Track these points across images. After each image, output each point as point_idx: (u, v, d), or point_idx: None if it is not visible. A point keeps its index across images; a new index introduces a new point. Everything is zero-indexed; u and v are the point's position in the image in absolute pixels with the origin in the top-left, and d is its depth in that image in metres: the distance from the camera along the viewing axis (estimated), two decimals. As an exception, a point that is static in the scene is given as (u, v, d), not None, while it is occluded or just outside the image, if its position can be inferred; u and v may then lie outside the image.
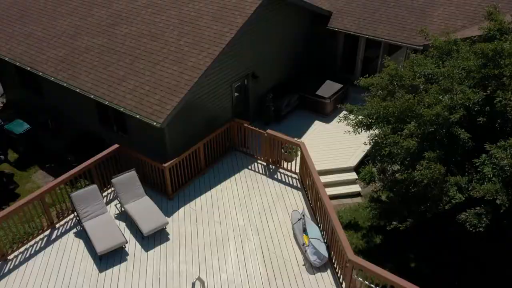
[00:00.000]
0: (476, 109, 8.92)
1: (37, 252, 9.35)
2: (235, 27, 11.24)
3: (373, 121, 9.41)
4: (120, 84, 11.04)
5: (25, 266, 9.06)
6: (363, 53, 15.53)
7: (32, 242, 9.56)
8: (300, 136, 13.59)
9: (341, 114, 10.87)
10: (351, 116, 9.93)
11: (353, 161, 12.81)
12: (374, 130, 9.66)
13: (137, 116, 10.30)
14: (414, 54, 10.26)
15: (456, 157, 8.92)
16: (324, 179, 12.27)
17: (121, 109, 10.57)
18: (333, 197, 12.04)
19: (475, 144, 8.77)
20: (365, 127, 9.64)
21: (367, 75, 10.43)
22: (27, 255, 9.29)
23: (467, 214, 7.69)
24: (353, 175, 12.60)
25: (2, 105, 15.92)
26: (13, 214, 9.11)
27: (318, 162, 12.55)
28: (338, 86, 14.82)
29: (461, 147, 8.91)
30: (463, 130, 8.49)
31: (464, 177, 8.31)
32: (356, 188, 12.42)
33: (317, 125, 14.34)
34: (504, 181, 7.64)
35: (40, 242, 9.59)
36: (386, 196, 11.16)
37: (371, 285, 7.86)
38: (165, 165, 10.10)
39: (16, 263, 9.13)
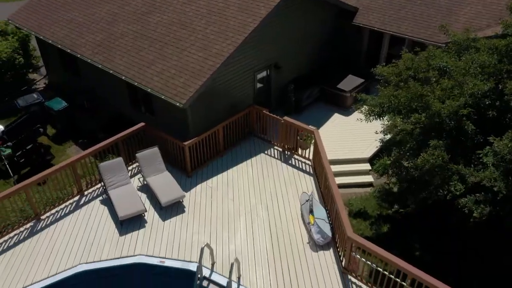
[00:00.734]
0: (487, 103, 9.13)
1: (66, 214, 10.34)
2: (258, 17, 11.84)
3: (384, 109, 9.76)
4: (149, 67, 11.89)
5: (55, 225, 10.06)
6: (387, 50, 15.74)
7: (62, 206, 10.56)
8: (318, 127, 13.98)
9: (361, 108, 11.19)
10: (365, 106, 10.32)
11: (368, 153, 13.14)
12: (385, 120, 10.02)
13: (162, 97, 11.10)
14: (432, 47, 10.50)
15: (464, 149, 9.15)
16: (339, 168, 12.72)
17: (148, 90, 11.41)
18: (345, 186, 12.46)
19: (484, 138, 8.97)
20: (376, 116, 10.01)
21: (384, 63, 10.75)
22: (58, 216, 10.29)
23: (466, 199, 7.96)
24: (367, 166, 12.94)
25: (44, 85, 17.25)
26: (47, 177, 10.13)
27: (334, 151, 13.02)
28: (359, 80, 15.15)
29: (470, 140, 9.14)
30: (469, 122, 8.72)
31: (468, 168, 8.54)
32: (369, 178, 12.75)
33: (336, 117, 14.74)
34: (505, 170, 7.84)
35: (69, 206, 10.58)
36: (398, 187, 11.44)
37: (368, 262, 8.29)
38: (185, 143, 10.84)
39: (48, 222, 10.15)
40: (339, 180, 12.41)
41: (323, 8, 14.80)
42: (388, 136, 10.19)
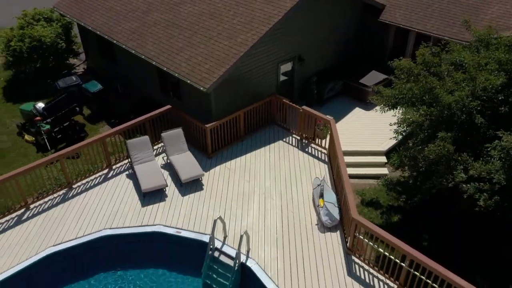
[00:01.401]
0: (500, 98, 9.28)
1: (95, 185, 11.25)
2: (283, 10, 12.35)
3: (398, 100, 10.07)
4: (178, 54, 12.64)
5: (85, 194, 10.99)
6: (412, 47, 15.86)
7: (92, 177, 11.49)
8: (339, 119, 14.38)
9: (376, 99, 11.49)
10: (380, 97, 10.66)
11: (385, 146, 13.39)
12: (398, 112, 10.32)
13: (188, 81, 11.81)
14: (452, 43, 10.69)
15: (474, 142, 9.33)
16: (356, 159, 13.08)
17: (176, 75, 12.16)
18: (361, 177, 12.82)
19: (496, 133, 9.13)
20: (391, 107, 10.33)
21: (401, 57, 11.01)
22: (88, 186, 11.23)
23: (468, 186, 8.20)
24: (383, 159, 13.21)
25: (83, 70, 18.44)
26: (79, 150, 11.10)
27: (353, 143, 13.38)
28: (382, 76, 15.36)
29: (482, 134, 9.32)
30: (479, 116, 8.91)
31: (471, 160, 8.75)
32: (384, 171, 13.01)
33: (357, 111, 15.03)
34: (509, 164, 8.02)
35: (99, 178, 11.50)
36: (408, 177, 11.67)
37: (370, 243, 8.67)
38: (207, 125, 11.53)
39: (79, 191, 11.10)
40: (355, 170, 12.80)
41: (349, 3, 15.12)
42: (402, 128, 10.46)
